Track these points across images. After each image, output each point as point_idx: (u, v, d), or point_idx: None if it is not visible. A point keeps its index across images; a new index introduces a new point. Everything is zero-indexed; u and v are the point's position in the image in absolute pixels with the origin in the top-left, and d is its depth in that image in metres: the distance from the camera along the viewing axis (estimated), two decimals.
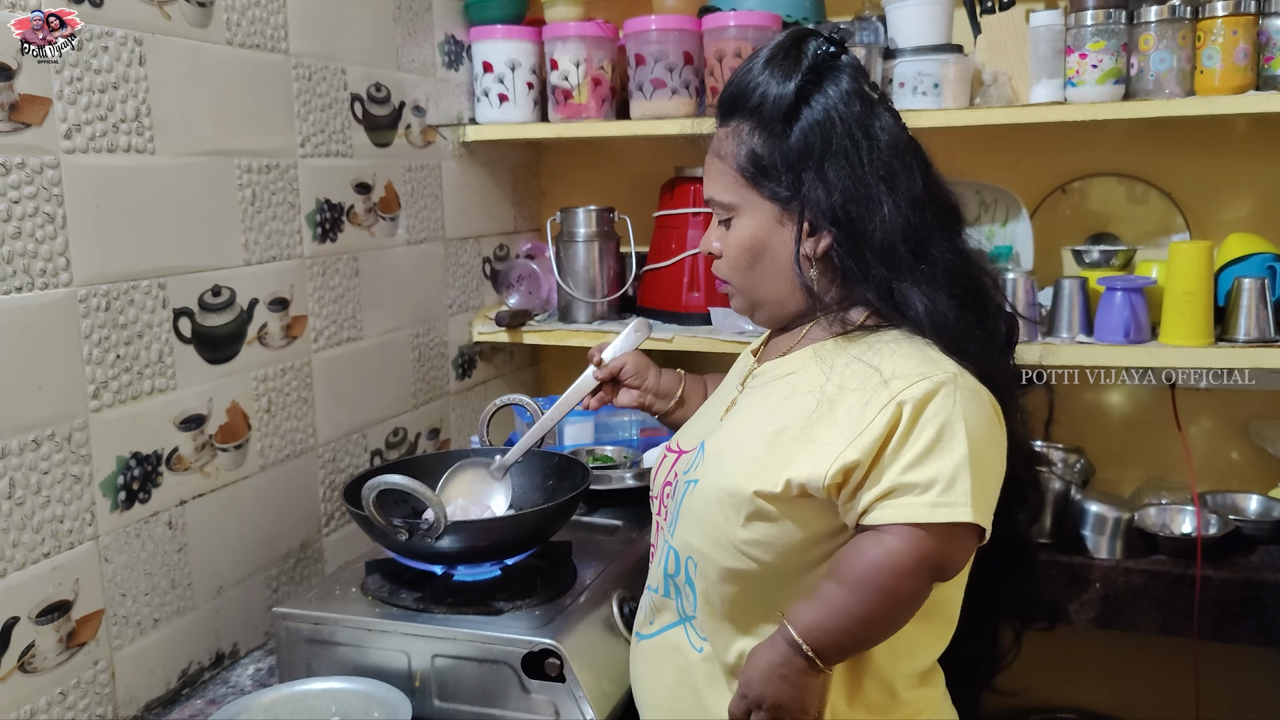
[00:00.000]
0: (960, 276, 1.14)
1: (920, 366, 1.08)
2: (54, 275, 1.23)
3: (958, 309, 1.12)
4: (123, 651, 1.34)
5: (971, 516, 1.03)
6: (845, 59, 1.16)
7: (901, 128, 1.17)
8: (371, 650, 1.34)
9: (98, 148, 1.28)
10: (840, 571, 1.07)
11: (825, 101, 1.13)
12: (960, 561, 1.08)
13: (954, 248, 1.16)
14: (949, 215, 1.18)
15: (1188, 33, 1.71)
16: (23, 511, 1.20)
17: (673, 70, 1.96)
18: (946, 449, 1.03)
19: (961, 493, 1.02)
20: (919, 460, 1.03)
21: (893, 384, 1.06)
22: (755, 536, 1.11)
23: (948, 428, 1.04)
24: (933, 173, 1.18)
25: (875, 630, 1.08)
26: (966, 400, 1.06)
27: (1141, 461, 2.11)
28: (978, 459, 1.04)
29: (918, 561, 1.04)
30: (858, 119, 1.13)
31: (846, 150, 1.12)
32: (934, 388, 1.05)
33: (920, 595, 1.07)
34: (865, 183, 1.12)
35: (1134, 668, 2.16)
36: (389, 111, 1.86)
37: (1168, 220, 2.02)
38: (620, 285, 2.17)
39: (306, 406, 1.67)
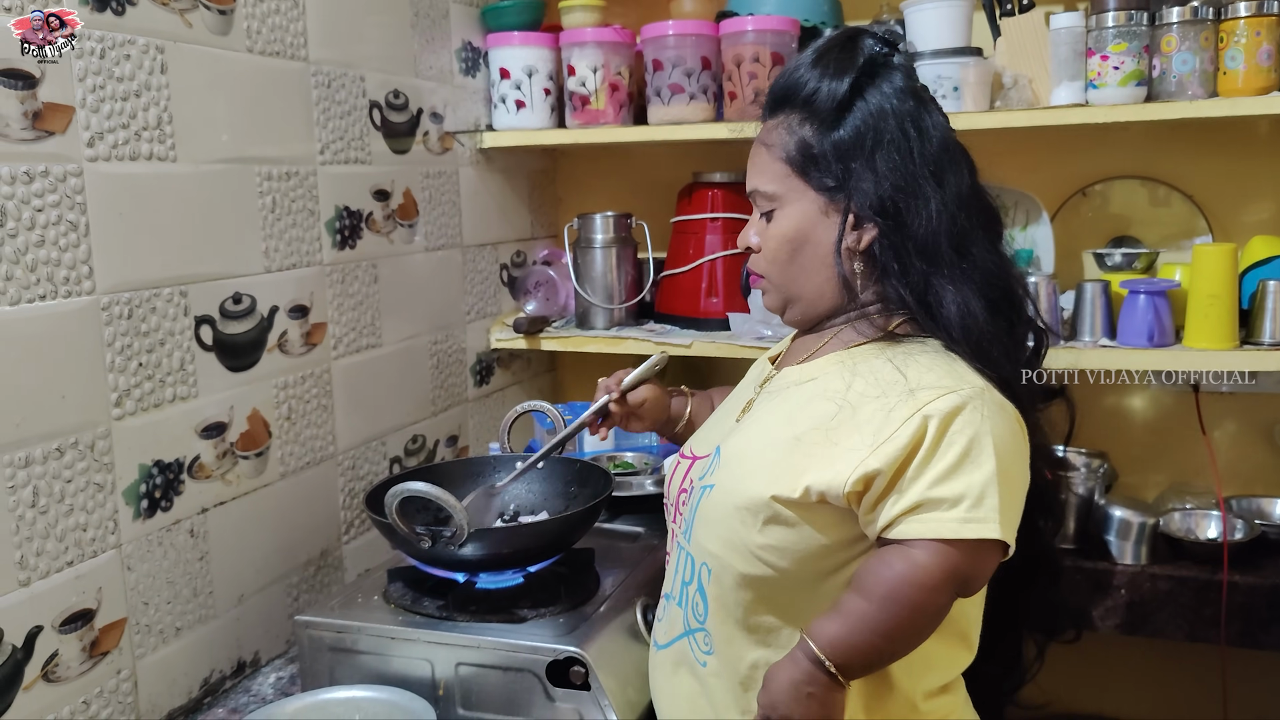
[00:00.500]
0: (997, 281, 1.14)
1: (946, 379, 1.07)
2: (77, 283, 1.23)
3: (990, 314, 1.12)
4: (145, 660, 1.34)
5: (999, 533, 1.02)
6: (898, 58, 1.17)
7: (951, 129, 1.17)
8: (395, 658, 1.33)
9: (120, 155, 1.28)
10: (865, 585, 1.05)
11: (878, 96, 1.14)
12: (985, 576, 1.08)
13: (995, 251, 1.16)
14: (990, 220, 1.18)
15: (1210, 34, 1.70)
16: (46, 520, 1.20)
17: (690, 75, 1.95)
18: (975, 464, 1.03)
19: (990, 508, 1.02)
20: (947, 475, 1.03)
21: (919, 394, 1.06)
22: (772, 542, 1.10)
23: (975, 443, 1.03)
24: (977, 176, 1.18)
25: (900, 645, 1.07)
26: (993, 415, 1.06)
27: (1166, 466, 2.09)
28: (1005, 474, 1.04)
29: (945, 576, 1.03)
30: (910, 114, 1.14)
31: (898, 143, 1.13)
32: (961, 402, 1.05)
33: (945, 610, 1.06)
34: (915, 176, 1.12)
35: (1161, 674, 2.14)
36: (407, 118, 1.85)
37: (1190, 223, 2.01)
38: (638, 291, 2.16)
39: (326, 414, 1.66)
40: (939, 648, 1.12)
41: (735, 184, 2.11)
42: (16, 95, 1.15)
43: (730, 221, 2.08)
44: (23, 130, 1.16)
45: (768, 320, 1.96)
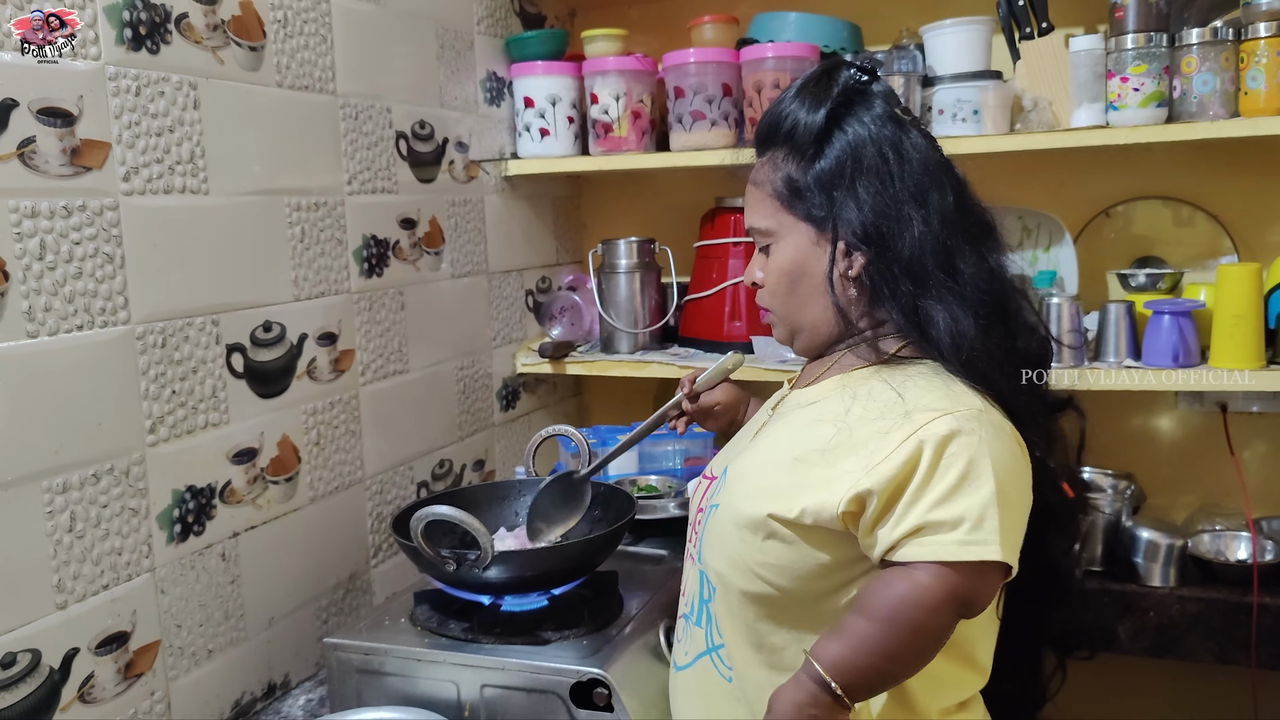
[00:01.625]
0: (989, 296, 1.14)
1: (942, 400, 1.08)
2: (113, 314, 1.26)
3: (983, 329, 1.12)
4: (178, 682, 1.37)
5: (1000, 555, 1.02)
6: (876, 86, 1.19)
7: (934, 148, 1.19)
8: (421, 680, 1.35)
9: (155, 189, 1.32)
10: (868, 606, 1.06)
11: (855, 125, 1.16)
12: (987, 598, 1.07)
13: (984, 265, 1.16)
14: (982, 233, 1.18)
15: (1230, 54, 1.70)
16: (83, 544, 1.23)
17: (711, 102, 1.98)
18: (974, 486, 1.03)
19: (990, 530, 1.02)
20: (945, 498, 1.03)
21: (915, 416, 1.07)
22: (770, 560, 1.12)
23: (974, 465, 1.04)
24: (967, 192, 1.19)
25: (902, 666, 1.07)
26: (991, 436, 1.06)
27: (1194, 487, 2.08)
28: (1004, 495, 1.04)
29: (947, 597, 1.03)
30: (889, 140, 1.16)
31: (877, 169, 1.15)
32: (957, 424, 1.05)
33: (947, 631, 1.06)
34: (896, 201, 1.14)
35: (1190, 698, 2.11)
36: (433, 148, 1.89)
37: (1215, 243, 2.00)
38: (662, 315, 2.18)
39: (354, 439, 1.69)
40: (947, 668, 1.12)
41: None
42: (56, 132, 1.19)
43: (752, 246, 2.09)
44: (61, 166, 1.19)
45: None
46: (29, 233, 1.16)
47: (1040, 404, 1.21)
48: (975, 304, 1.13)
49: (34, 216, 1.17)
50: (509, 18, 2.15)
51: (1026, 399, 1.15)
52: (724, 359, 1.52)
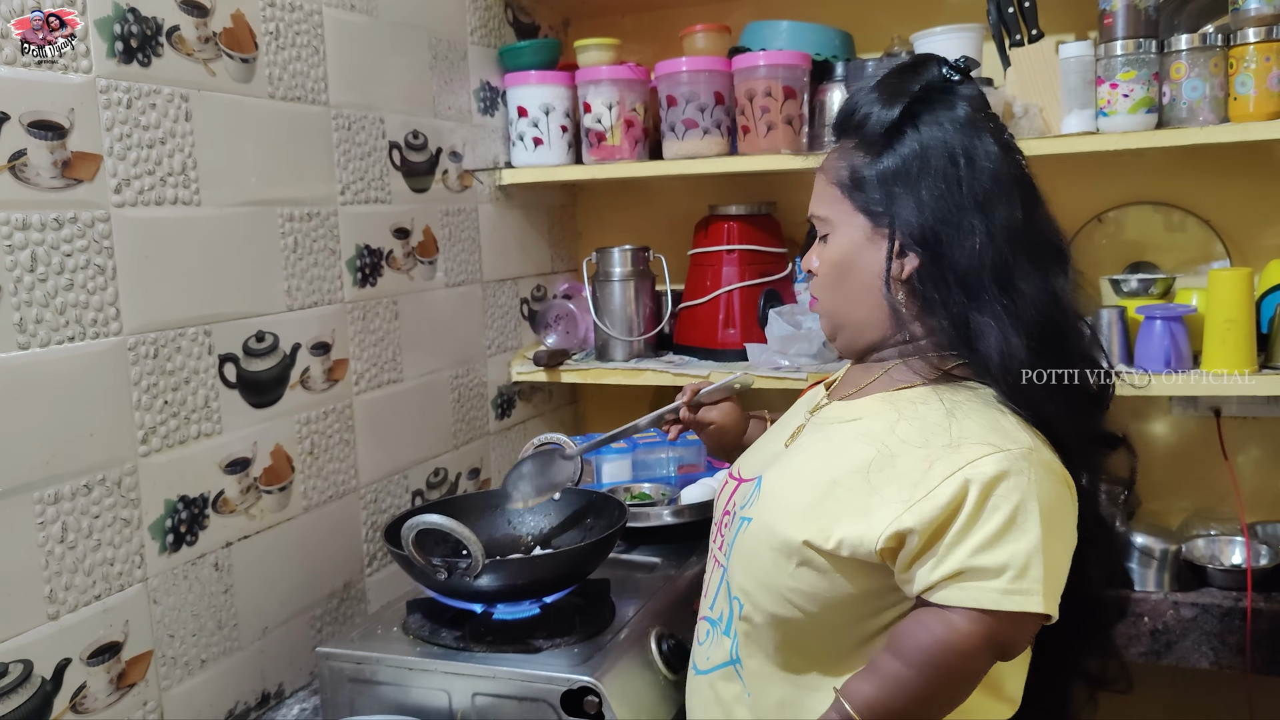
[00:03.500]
0: (1046, 319, 1.09)
1: (992, 435, 1.04)
2: (104, 325, 1.27)
3: (1034, 352, 1.08)
4: (171, 692, 1.37)
5: (1043, 606, 1.00)
6: (964, 89, 1.15)
7: (1012, 159, 1.14)
8: (413, 689, 1.35)
9: (146, 201, 1.32)
10: (903, 649, 1.04)
11: (931, 125, 1.13)
12: (1024, 644, 1.06)
13: (1046, 288, 1.11)
14: (1048, 254, 1.13)
15: (1220, 60, 1.71)
16: (74, 555, 1.23)
17: (704, 111, 1.98)
18: (1020, 532, 1.00)
19: (1034, 580, 1.00)
20: (990, 543, 1.00)
21: (962, 450, 1.03)
22: (802, 586, 1.10)
23: (1021, 509, 1.01)
24: (1039, 209, 1.15)
25: (934, 709, 1.06)
26: (1040, 478, 1.03)
27: (1188, 492, 2.08)
28: (1050, 543, 1.01)
29: (984, 644, 1.02)
30: (962, 145, 1.11)
31: (945, 172, 1.10)
32: (1007, 465, 1.02)
33: (980, 675, 1.06)
34: (958, 208, 1.09)
35: (1186, 703, 2.11)
36: (426, 158, 1.90)
37: (1207, 247, 2.01)
38: (656, 323, 2.18)
39: (348, 448, 1.70)
40: (975, 699, 1.10)
41: (750, 216, 2.14)
42: (47, 145, 1.20)
43: (746, 253, 2.11)
44: (52, 179, 1.20)
45: (785, 350, 1.98)
46: (20, 245, 1.17)
47: (1092, 440, 1.16)
48: (1030, 325, 1.08)
49: (25, 229, 1.17)
50: (502, 28, 2.16)
51: (1077, 433, 1.11)
52: (734, 377, 1.50)
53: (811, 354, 1.95)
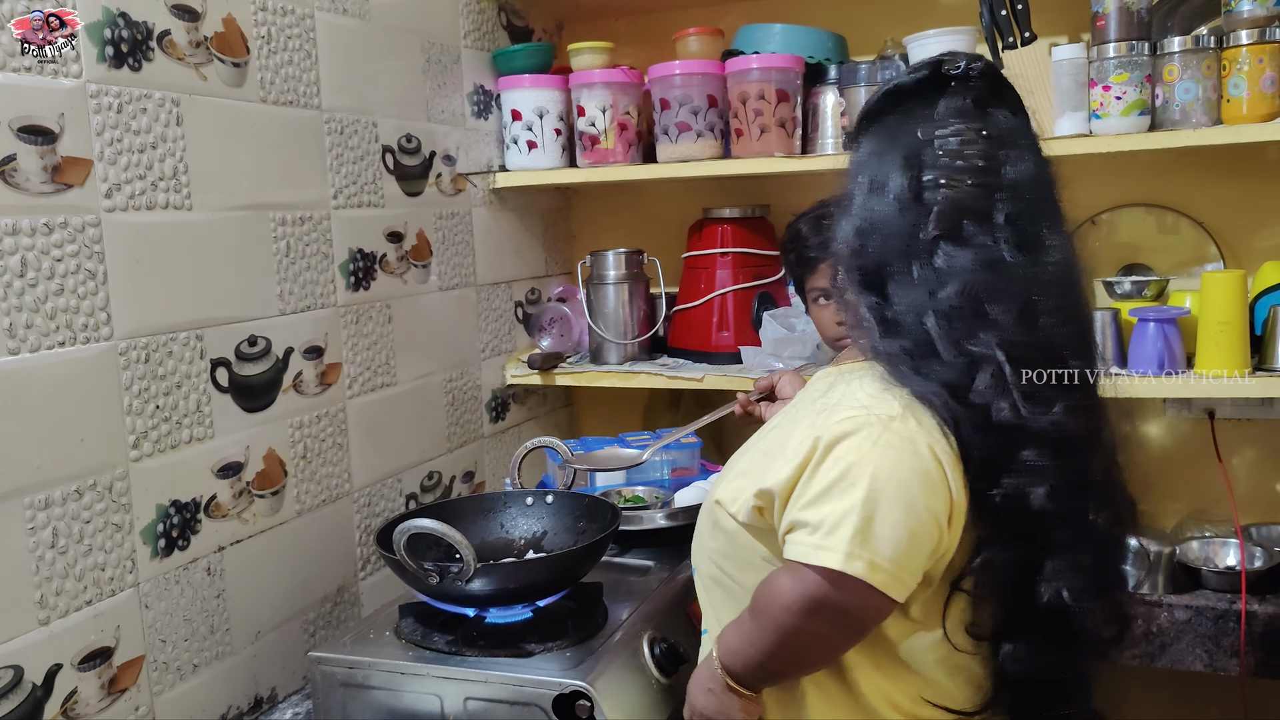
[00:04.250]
0: (913, 321, 1.09)
1: (864, 400, 1.08)
2: (95, 330, 1.27)
3: (904, 350, 1.09)
4: (163, 697, 1.37)
5: (841, 564, 1.01)
6: (945, 98, 1.13)
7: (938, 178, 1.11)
8: (405, 693, 1.35)
9: (137, 205, 1.32)
10: (753, 598, 1.12)
11: (876, 133, 1.17)
12: (856, 611, 1.05)
13: (918, 291, 1.10)
14: (941, 276, 1.10)
15: (1212, 62, 1.71)
16: (65, 560, 1.23)
17: (697, 114, 1.98)
18: (843, 492, 1.03)
19: (841, 539, 1.02)
20: (816, 499, 1.05)
21: (829, 414, 1.08)
22: (719, 546, 1.20)
23: (852, 470, 1.03)
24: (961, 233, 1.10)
25: (780, 661, 1.10)
26: (888, 445, 1.04)
27: (1183, 494, 2.08)
28: (873, 507, 1.02)
29: (804, 600, 1.04)
30: (885, 160, 1.14)
31: (850, 174, 1.17)
32: (854, 427, 1.05)
33: (821, 637, 1.07)
34: (844, 210, 1.16)
35: (1180, 706, 2.11)
36: (420, 161, 1.90)
37: (1200, 249, 2.01)
38: (650, 326, 2.18)
39: (342, 452, 1.69)
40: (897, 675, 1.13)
41: (744, 219, 2.14)
42: (37, 150, 1.19)
43: (740, 256, 2.11)
44: (42, 184, 1.20)
45: (778, 353, 1.98)
46: (10, 250, 1.17)
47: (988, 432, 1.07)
48: (899, 325, 1.10)
49: (15, 234, 1.17)
50: (496, 31, 2.16)
51: (969, 423, 1.06)
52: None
53: (805, 356, 1.95)
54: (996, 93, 1.15)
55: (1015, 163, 1.12)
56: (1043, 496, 1.06)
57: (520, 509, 1.64)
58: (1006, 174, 1.12)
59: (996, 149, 1.12)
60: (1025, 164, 1.13)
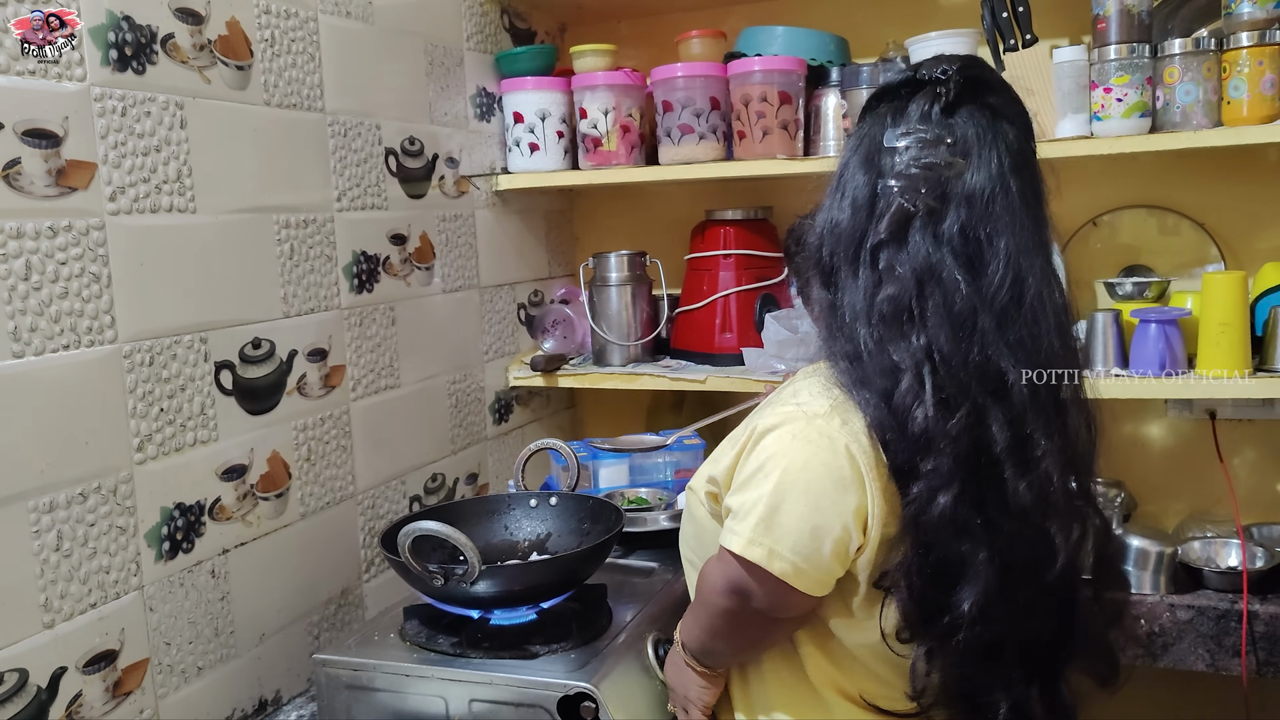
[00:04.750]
0: (850, 325, 1.12)
1: (803, 398, 1.12)
2: (99, 333, 1.27)
3: (845, 354, 1.11)
4: (167, 700, 1.37)
5: (741, 549, 1.09)
6: (914, 101, 1.13)
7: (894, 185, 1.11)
8: (410, 696, 1.35)
9: (141, 209, 1.33)
10: (697, 579, 1.22)
11: (853, 135, 1.19)
12: (770, 598, 1.12)
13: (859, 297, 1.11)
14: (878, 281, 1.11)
15: (1213, 64, 1.71)
16: (70, 563, 1.23)
17: (700, 116, 1.99)
18: (758, 482, 1.09)
19: (746, 525, 1.09)
20: (739, 487, 1.12)
21: (772, 410, 1.13)
22: (692, 531, 1.28)
23: (769, 462, 1.09)
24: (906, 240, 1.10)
25: (719, 641, 1.21)
26: (805, 440, 1.08)
27: (1184, 495, 2.08)
28: (779, 498, 1.08)
29: (724, 583, 1.14)
30: (846, 163, 1.17)
31: (833, 183, 1.18)
32: (780, 421, 1.10)
33: (742, 620, 1.15)
34: (829, 211, 1.17)
35: (1182, 706, 2.11)
36: (423, 164, 1.90)
37: (1201, 251, 2.01)
38: (653, 328, 2.19)
39: (346, 454, 1.70)
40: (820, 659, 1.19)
41: (747, 221, 2.14)
42: (41, 154, 1.20)
43: (742, 258, 2.11)
44: (46, 187, 1.20)
45: (781, 355, 1.98)
46: (14, 253, 1.17)
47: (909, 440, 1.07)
48: (840, 326, 1.13)
49: (19, 237, 1.17)
50: (498, 33, 2.16)
51: (889, 430, 1.07)
52: None
53: (808, 358, 1.94)
54: (976, 96, 1.12)
55: (976, 171, 1.10)
56: (947, 505, 1.04)
57: (524, 511, 1.64)
58: (964, 183, 1.09)
59: (955, 156, 1.10)
60: (989, 173, 1.10)
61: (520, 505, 1.65)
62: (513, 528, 1.64)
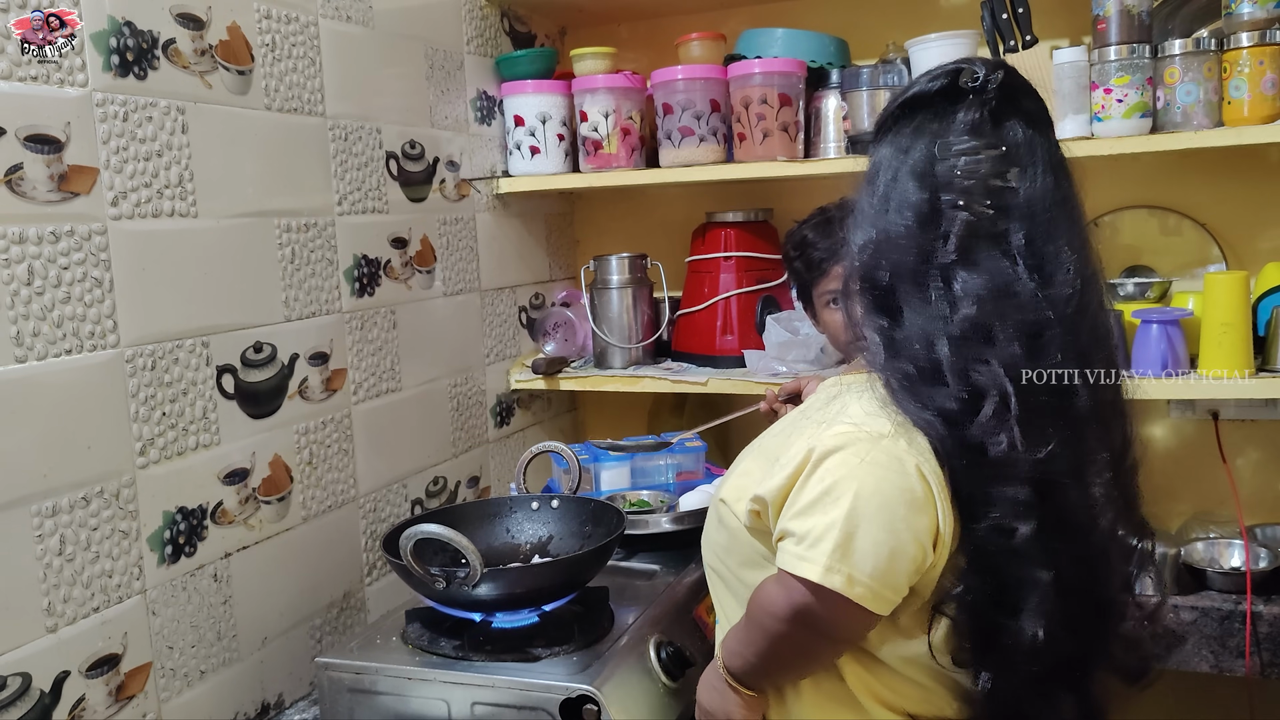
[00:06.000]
0: (919, 349, 1.07)
1: (859, 417, 1.08)
2: (102, 337, 1.27)
3: (906, 377, 1.07)
4: (170, 704, 1.37)
5: (819, 577, 1.03)
6: (958, 114, 1.10)
7: (943, 186, 1.09)
8: (412, 699, 1.35)
9: (143, 213, 1.33)
10: (748, 604, 1.16)
11: (887, 142, 1.13)
12: (837, 623, 1.07)
13: (928, 323, 1.07)
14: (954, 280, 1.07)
15: (1213, 64, 1.71)
16: (73, 567, 1.23)
17: (700, 118, 1.99)
18: (828, 506, 1.04)
19: (821, 552, 1.03)
20: (804, 510, 1.06)
21: (827, 427, 1.08)
22: (721, 540, 1.23)
23: (838, 485, 1.04)
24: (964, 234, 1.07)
25: (772, 664, 1.15)
26: (875, 463, 1.04)
27: (1188, 495, 2.08)
28: (854, 523, 1.02)
29: (789, 608, 1.07)
30: (894, 165, 1.11)
31: (872, 190, 1.13)
32: (845, 442, 1.05)
33: (805, 645, 1.10)
34: (866, 226, 1.12)
35: (1186, 708, 2.11)
36: (423, 167, 1.90)
37: (1203, 251, 2.01)
38: (654, 330, 2.19)
39: (347, 458, 1.70)
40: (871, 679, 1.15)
41: (747, 223, 2.14)
42: (43, 159, 1.20)
43: (743, 260, 2.11)
44: (49, 192, 1.21)
45: (782, 357, 1.98)
46: (17, 258, 1.17)
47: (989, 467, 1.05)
48: (905, 350, 1.08)
49: (22, 242, 1.18)
50: (499, 37, 2.17)
51: (961, 454, 1.05)
52: None
53: (809, 360, 1.96)
54: (1014, 103, 1.11)
55: (1030, 180, 1.09)
56: (1027, 535, 1.03)
57: (526, 514, 1.65)
58: (1022, 193, 1.08)
59: (1011, 166, 1.09)
60: (1041, 181, 1.09)
61: (522, 508, 1.65)
62: (514, 531, 1.64)
